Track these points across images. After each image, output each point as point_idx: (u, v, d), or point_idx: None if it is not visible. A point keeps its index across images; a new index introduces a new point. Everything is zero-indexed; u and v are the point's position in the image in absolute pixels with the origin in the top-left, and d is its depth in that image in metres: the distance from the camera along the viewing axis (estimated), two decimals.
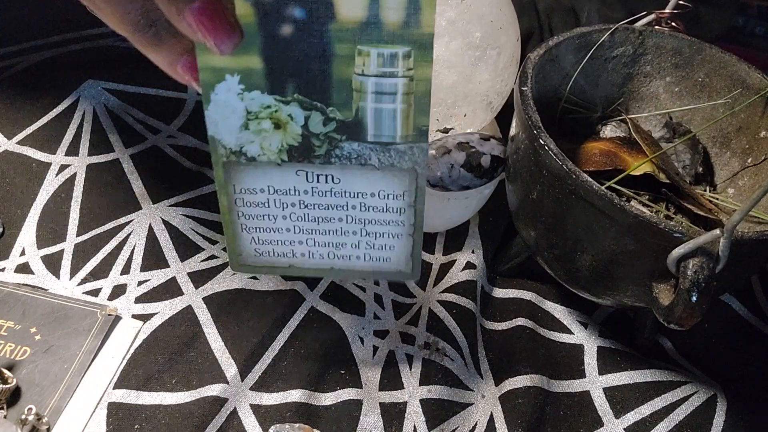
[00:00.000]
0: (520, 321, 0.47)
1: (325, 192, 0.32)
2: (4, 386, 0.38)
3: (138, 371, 0.42)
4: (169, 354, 0.42)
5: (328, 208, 0.33)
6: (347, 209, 0.33)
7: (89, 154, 0.54)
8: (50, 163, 0.53)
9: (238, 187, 0.32)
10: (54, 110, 0.57)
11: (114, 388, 0.41)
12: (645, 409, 0.44)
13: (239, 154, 0.32)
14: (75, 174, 0.52)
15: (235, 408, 0.41)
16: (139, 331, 0.43)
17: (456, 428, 0.42)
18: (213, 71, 0.29)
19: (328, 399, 0.41)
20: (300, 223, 0.33)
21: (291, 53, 0.29)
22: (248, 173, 0.32)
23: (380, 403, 0.42)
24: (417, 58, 0.28)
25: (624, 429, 0.43)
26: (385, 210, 0.33)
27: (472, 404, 0.43)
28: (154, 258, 0.48)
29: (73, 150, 0.54)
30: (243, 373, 0.42)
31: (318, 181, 0.32)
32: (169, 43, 0.27)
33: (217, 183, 0.33)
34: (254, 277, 0.47)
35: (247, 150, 0.32)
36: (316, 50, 0.29)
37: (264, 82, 0.30)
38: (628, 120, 0.46)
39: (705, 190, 0.46)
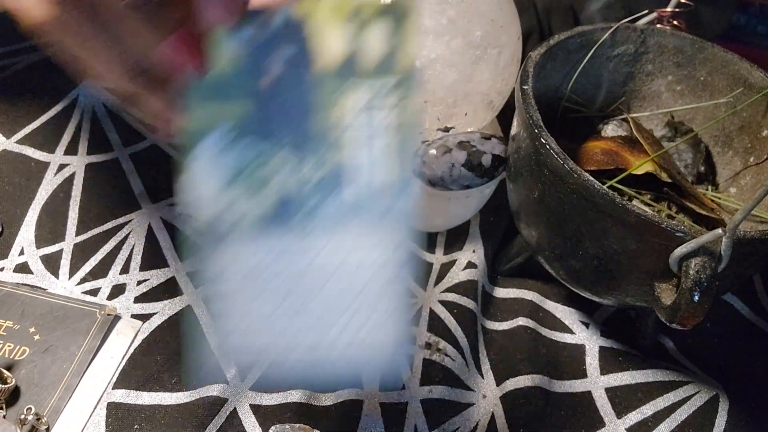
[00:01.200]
0: (521, 321, 0.47)
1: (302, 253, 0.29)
2: (3, 386, 0.38)
3: (137, 371, 0.41)
4: (168, 354, 0.42)
5: (305, 276, 0.29)
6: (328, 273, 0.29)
7: (88, 153, 0.54)
8: (49, 163, 0.53)
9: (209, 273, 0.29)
10: (53, 109, 0.57)
11: (113, 388, 0.40)
12: (647, 409, 0.43)
13: (213, 223, 0.29)
14: (74, 173, 0.52)
15: (235, 408, 0.40)
16: (139, 330, 0.43)
17: (457, 428, 0.41)
18: (196, 132, 0.28)
19: (328, 399, 0.41)
20: (276, 301, 0.29)
21: (274, 109, 0.28)
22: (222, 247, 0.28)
23: (381, 404, 0.42)
24: (403, 93, 0.27)
25: (626, 429, 0.43)
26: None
27: (473, 404, 0.43)
28: (153, 257, 0.47)
29: (72, 149, 0.54)
30: (243, 374, 0.42)
31: (295, 240, 0.29)
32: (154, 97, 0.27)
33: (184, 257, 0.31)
34: None
35: (223, 217, 0.29)
36: (300, 104, 0.28)
37: (248, 138, 0.28)
38: (629, 119, 0.46)
39: (707, 190, 0.46)
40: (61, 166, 0.52)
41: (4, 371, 0.39)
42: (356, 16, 0.26)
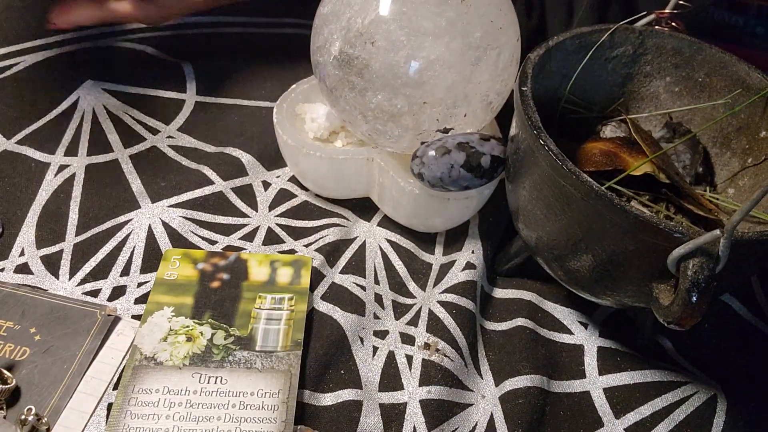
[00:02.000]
0: (520, 321, 0.47)
1: (212, 392, 0.39)
2: (3, 387, 0.38)
3: None
4: None
5: (211, 407, 0.39)
6: (227, 408, 0.39)
7: (88, 154, 0.54)
8: (49, 163, 0.53)
9: (138, 388, 0.39)
10: (54, 110, 0.57)
11: (113, 389, 0.40)
12: (645, 410, 0.44)
13: (150, 359, 0.40)
14: (74, 174, 0.52)
15: None
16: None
17: (456, 429, 0.42)
18: (157, 303, 0.43)
19: (327, 399, 0.41)
20: (180, 423, 0.38)
21: (213, 296, 0.44)
22: (151, 375, 0.40)
23: (380, 404, 0.42)
24: (296, 300, 0.44)
25: (624, 429, 0.43)
26: (261, 407, 0.39)
27: (472, 404, 0.43)
28: (153, 259, 0.48)
29: (72, 150, 0.54)
30: None
31: (208, 382, 0.40)
32: None
33: (121, 384, 0.39)
34: None
35: (158, 356, 0.41)
36: (232, 294, 0.45)
37: (189, 312, 0.43)
38: (628, 120, 0.46)
39: (705, 191, 0.46)
40: (62, 167, 0.53)
41: (5, 372, 0.39)
42: (275, 262, 0.47)
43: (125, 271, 0.47)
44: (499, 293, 0.50)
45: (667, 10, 0.46)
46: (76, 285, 0.46)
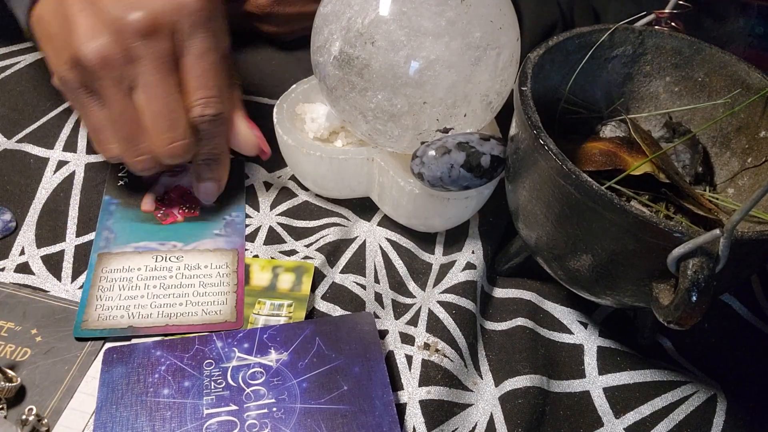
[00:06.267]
0: (519, 321, 0.47)
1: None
2: (9, 384, 0.38)
3: None
4: None
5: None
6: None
7: (88, 153, 0.54)
8: (48, 159, 0.52)
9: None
10: (54, 111, 0.57)
11: None
12: (645, 409, 0.44)
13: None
14: (74, 172, 0.52)
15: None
16: None
17: (456, 429, 0.42)
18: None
19: None
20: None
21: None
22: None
23: None
24: (295, 307, 0.45)
25: (624, 429, 0.43)
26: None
27: (471, 405, 0.43)
28: None
29: (70, 145, 0.54)
30: None
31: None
32: None
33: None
34: None
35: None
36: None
37: None
38: (627, 120, 0.46)
39: (705, 190, 0.46)
40: (61, 163, 0.53)
41: (9, 371, 0.39)
42: (277, 267, 0.47)
43: None
44: (499, 293, 0.50)
45: (666, 11, 0.46)
46: (78, 288, 0.46)
